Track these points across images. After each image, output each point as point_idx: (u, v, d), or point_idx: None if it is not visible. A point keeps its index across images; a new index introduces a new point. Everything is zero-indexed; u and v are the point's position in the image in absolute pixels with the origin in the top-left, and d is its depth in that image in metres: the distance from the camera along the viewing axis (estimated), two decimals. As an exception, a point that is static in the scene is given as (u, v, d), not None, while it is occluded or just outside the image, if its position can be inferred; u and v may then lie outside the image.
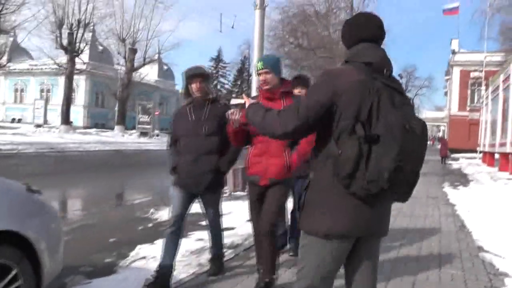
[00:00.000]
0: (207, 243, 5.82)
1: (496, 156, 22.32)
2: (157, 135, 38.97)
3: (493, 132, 23.24)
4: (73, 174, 15.31)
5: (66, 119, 33.59)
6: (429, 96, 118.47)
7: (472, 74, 47.43)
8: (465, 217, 8.56)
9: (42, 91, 56.81)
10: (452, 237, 6.87)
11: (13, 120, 51.07)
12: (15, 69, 57.59)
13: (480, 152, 30.79)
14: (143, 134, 37.16)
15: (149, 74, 58.34)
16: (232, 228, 6.90)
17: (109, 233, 6.88)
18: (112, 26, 38.19)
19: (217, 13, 47.09)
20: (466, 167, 23.84)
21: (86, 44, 36.36)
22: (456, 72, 50.55)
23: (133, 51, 38.81)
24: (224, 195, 10.44)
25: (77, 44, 34.12)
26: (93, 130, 38.10)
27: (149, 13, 39.25)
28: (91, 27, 36.99)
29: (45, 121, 37.59)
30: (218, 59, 77.14)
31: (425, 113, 75.66)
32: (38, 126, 34.75)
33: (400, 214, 8.15)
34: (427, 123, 2.37)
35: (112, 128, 40.27)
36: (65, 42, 33.63)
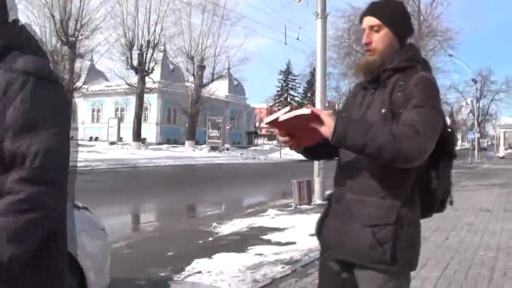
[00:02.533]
0: (265, 258, 5.60)
1: None
2: (227, 149, 39.33)
3: None
4: (143, 188, 15.52)
5: (137, 136, 34.61)
6: (508, 101, 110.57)
7: None
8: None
9: (116, 110, 59.27)
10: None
11: (90, 139, 53.41)
12: (92, 90, 60.61)
13: None
14: (213, 148, 37.58)
15: (219, 90, 59.41)
16: (294, 243, 6.58)
17: (168, 246, 6.74)
18: (181, 45, 39.22)
19: (283, 26, 47.38)
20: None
21: (156, 63, 37.48)
22: None
23: (202, 67, 39.54)
24: (289, 208, 10.18)
25: (147, 64, 35.22)
26: (164, 146, 39.07)
27: (216, 30, 40.02)
28: (161, 47, 38.09)
29: (119, 139, 38.99)
30: (287, 72, 77.36)
31: (503, 120, 71.71)
32: (112, 143, 36.06)
33: (472, 230, 7.56)
34: (506, 130, 2.03)
35: (183, 144, 41.11)
36: (135, 62, 34.84)
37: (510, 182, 17.55)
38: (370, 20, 1.97)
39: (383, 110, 1.87)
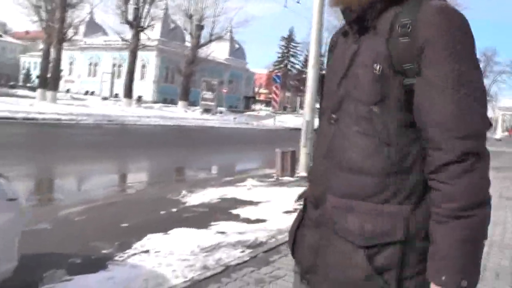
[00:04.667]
0: (226, 238, 4.92)
1: None
2: (220, 113, 38.50)
3: None
4: (124, 147, 14.76)
5: (129, 93, 33.68)
6: (510, 83, 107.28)
7: None
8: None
9: (114, 65, 58.20)
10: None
11: (86, 93, 52.52)
12: (90, 44, 59.32)
13: None
14: (206, 111, 36.69)
15: (219, 52, 58.30)
16: (263, 221, 5.89)
17: (126, 215, 6.05)
18: (179, 2, 37.85)
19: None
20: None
21: (154, 20, 36.28)
22: None
23: (200, 27, 38.32)
24: (270, 179, 9.49)
25: (143, 20, 34.10)
26: (157, 105, 38.20)
27: (217, -11, 38.59)
28: (159, 3, 36.79)
29: (114, 95, 38.16)
30: (289, 39, 75.91)
31: (502, 102, 70.77)
32: (105, 99, 35.20)
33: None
34: (504, 113, 1.19)
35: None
36: (130, 17, 33.66)
37: (506, 166, 16.93)
38: None
39: (376, 67, 1.17)
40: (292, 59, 75.82)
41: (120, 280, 3.69)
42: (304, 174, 10.06)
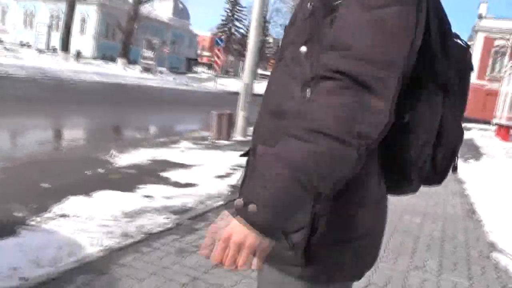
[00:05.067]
0: (152, 203, 4.69)
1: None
2: (161, 72, 37.51)
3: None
4: (57, 103, 14.05)
5: (66, 46, 32.06)
6: None
7: (497, 42, 45.81)
8: (475, 198, 7.34)
9: (51, 17, 55.26)
10: (458, 226, 5.66)
11: (22, 45, 49.61)
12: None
13: (495, 124, 29.31)
14: (146, 69, 35.59)
15: (162, 11, 56.54)
16: (194, 185, 5.68)
17: (49, 175, 5.67)
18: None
19: None
20: (479, 139, 22.47)
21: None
22: (480, 38, 48.99)
23: (141, -18, 36.80)
24: (205, 142, 9.27)
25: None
26: (96, 61, 36.67)
27: None
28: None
29: (52, 49, 36.27)
30: (234, 2, 74.48)
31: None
32: (40, 51, 33.32)
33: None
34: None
35: (119, 61, 38.84)
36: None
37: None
38: None
39: (308, 5, 1.13)
40: (236, 23, 74.56)
41: (29, 247, 3.39)
42: (240, 138, 9.91)
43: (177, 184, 5.66)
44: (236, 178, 6.20)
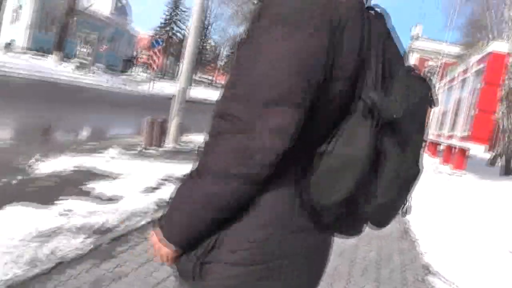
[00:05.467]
0: (70, 221, 4.22)
1: (440, 147, 21.69)
2: (96, 70, 36.19)
3: (442, 123, 22.52)
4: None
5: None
6: None
7: (430, 63, 48.34)
8: (409, 217, 7.32)
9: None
10: (394, 246, 5.58)
11: None
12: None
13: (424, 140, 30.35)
14: (80, 67, 34.19)
15: (102, 6, 54.87)
16: (117, 199, 5.23)
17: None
18: None
19: None
20: (409, 154, 23.05)
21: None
22: (414, 58, 51.33)
23: (81, -27, 35.43)
24: (136, 150, 8.79)
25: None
26: (28, 54, 34.80)
27: None
28: None
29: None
30: (176, 3, 73.44)
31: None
32: (-37, 40, 31.29)
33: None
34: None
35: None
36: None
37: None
38: None
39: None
40: (177, 24, 73.51)
41: None
42: (173, 146, 9.50)
43: (100, 198, 5.19)
44: (164, 191, 5.81)
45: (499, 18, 21.49)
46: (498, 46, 15.20)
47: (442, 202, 9.29)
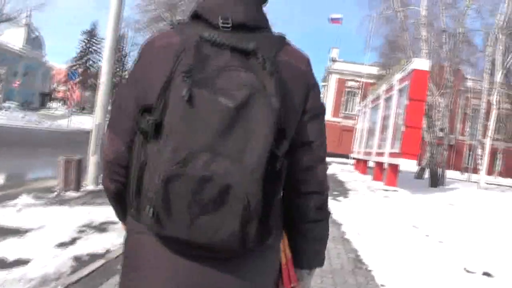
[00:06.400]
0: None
1: (370, 164, 21.85)
2: (9, 108, 33.96)
3: (369, 140, 22.72)
4: None
5: None
6: None
7: (349, 83, 50.56)
8: (357, 243, 6.85)
9: None
10: (349, 281, 5.05)
11: None
12: None
13: (353, 158, 30.79)
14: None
15: (13, 39, 52.26)
16: (26, 262, 4.30)
17: None
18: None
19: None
20: (340, 173, 23.09)
21: None
22: (333, 79, 53.19)
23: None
24: (51, 194, 7.78)
25: None
26: None
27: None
28: None
29: None
30: (92, 33, 71.40)
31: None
32: None
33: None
34: None
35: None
36: None
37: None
38: None
39: None
40: (94, 55, 71.32)
41: None
42: (92, 187, 8.54)
43: (3, 263, 4.24)
44: (82, 244, 4.94)
45: (414, 38, 22.27)
46: (419, 63, 15.43)
47: (384, 221, 9.00)
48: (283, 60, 1.32)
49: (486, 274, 5.74)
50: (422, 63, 15.54)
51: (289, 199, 1.42)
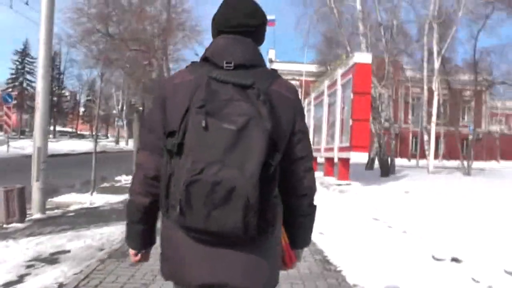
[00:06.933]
0: None
1: (319, 160, 21.89)
2: None
3: (316, 137, 22.75)
4: None
5: None
6: None
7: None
8: (322, 244, 6.65)
9: None
10: (321, 285, 4.83)
11: None
12: None
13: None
14: None
15: None
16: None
17: None
18: None
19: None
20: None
21: None
22: None
23: None
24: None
25: None
26: None
27: None
28: None
29: None
30: (24, 53, 68.70)
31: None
32: None
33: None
34: None
35: None
36: None
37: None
38: None
39: None
40: (28, 76, 68.61)
41: None
42: (39, 216, 7.99)
43: None
44: (33, 281, 4.50)
45: (350, 34, 22.56)
46: (361, 57, 15.54)
47: (344, 217, 8.94)
48: (275, 90, 1.75)
49: (455, 259, 5.69)
50: (364, 57, 15.64)
51: (287, 200, 1.83)
